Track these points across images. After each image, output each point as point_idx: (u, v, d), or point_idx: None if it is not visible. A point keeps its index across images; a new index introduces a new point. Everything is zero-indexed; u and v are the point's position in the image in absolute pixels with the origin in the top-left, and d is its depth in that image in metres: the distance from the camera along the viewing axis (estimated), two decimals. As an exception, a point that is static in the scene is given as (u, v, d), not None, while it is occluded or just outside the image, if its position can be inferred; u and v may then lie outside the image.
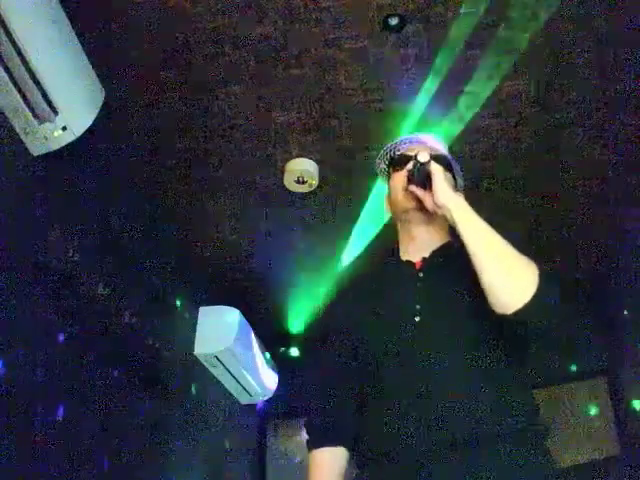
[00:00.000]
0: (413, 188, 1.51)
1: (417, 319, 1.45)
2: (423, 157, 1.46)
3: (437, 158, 1.54)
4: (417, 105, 2.82)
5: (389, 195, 1.67)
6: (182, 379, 3.58)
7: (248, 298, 4.16)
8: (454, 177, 1.64)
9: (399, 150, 1.66)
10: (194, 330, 3.83)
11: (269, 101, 2.80)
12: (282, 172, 3.17)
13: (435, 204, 1.45)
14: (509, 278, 1.32)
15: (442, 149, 1.66)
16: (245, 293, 4.16)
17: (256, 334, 4.21)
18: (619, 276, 3.95)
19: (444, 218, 1.49)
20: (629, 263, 3.79)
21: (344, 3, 2.38)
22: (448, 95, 2.77)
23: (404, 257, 1.62)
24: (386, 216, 1.72)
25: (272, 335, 4.55)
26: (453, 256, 1.52)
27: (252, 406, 4.64)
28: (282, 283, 4.15)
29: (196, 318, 3.88)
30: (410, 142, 1.68)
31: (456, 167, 1.66)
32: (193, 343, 3.78)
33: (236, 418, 4.42)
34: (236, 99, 2.78)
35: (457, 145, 2.95)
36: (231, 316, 3.89)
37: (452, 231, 1.61)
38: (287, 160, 3.13)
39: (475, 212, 1.42)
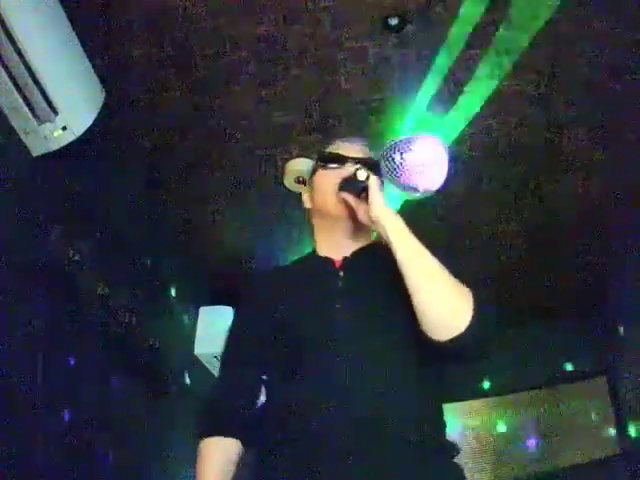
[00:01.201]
0: (346, 196, 1.45)
1: (337, 318, 1.39)
2: (361, 175, 1.40)
3: (374, 167, 1.46)
4: (417, 105, 2.82)
5: (314, 191, 1.60)
6: (182, 379, 3.58)
7: (248, 298, 4.15)
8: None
9: (328, 149, 1.60)
10: (194, 330, 3.82)
11: (269, 101, 2.80)
12: (282, 172, 3.17)
13: (369, 218, 1.39)
14: (445, 306, 1.26)
15: (373, 157, 1.58)
16: (245, 293, 4.16)
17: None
18: (619, 276, 3.95)
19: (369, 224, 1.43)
20: (629, 263, 3.79)
21: (344, 3, 2.38)
22: (448, 95, 2.77)
23: (322, 253, 1.56)
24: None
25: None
26: (375, 258, 1.47)
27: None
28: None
29: (196, 318, 3.88)
30: (344, 142, 1.62)
31: (384, 171, 1.57)
32: (193, 343, 3.78)
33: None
34: (236, 99, 2.78)
35: (457, 145, 2.95)
36: (231, 316, 3.87)
37: (372, 233, 1.57)
38: (287, 160, 3.13)
39: (410, 232, 1.35)
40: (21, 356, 2.20)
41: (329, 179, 1.53)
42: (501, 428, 4.28)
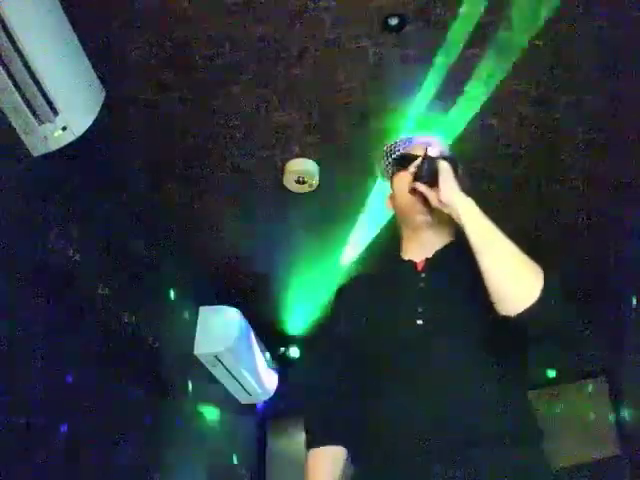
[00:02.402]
0: (419, 185, 1.48)
1: (419, 322, 1.43)
2: (433, 152, 1.44)
3: (445, 157, 1.52)
4: (417, 105, 2.82)
5: (393, 195, 1.65)
6: (182, 379, 3.58)
7: (248, 298, 4.15)
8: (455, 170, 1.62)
9: (403, 149, 1.64)
10: (194, 330, 3.82)
11: (269, 101, 2.79)
12: (282, 172, 3.17)
13: (441, 202, 1.42)
14: (514, 280, 1.30)
15: (447, 150, 1.65)
16: (245, 293, 4.16)
17: (256, 334, 4.21)
18: (619, 276, 3.95)
19: (449, 218, 1.46)
20: (629, 263, 3.79)
21: (344, 3, 2.38)
22: (448, 95, 2.77)
23: (405, 256, 1.60)
24: (388, 215, 1.70)
25: (272, 335, 4.55)
26: (456, 256, 1.50)
27: (252, 406, 4.64)
28: (282, 283, 4.14)
29: (196, 318, 3.88)
30: (415, 142, 1.65)
31: (462, 170, 1.64)
32: (193, 343, 3.78)
33: (236, 418, 4.42)
34: (236, 99, 2.78)
35: (457, 145, 2.94)
36: (231, 316, 3.89)
37: (456, 231, 1.59)
38: (287, 160, 3.13)
39: (482, 213, 1.40)
40: (21, 356, 2.20)
41: (403, 178, 1.57)
42: (501, 428, 4.27)
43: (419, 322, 1.43)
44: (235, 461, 4.31)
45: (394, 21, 2.43)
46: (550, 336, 1.35)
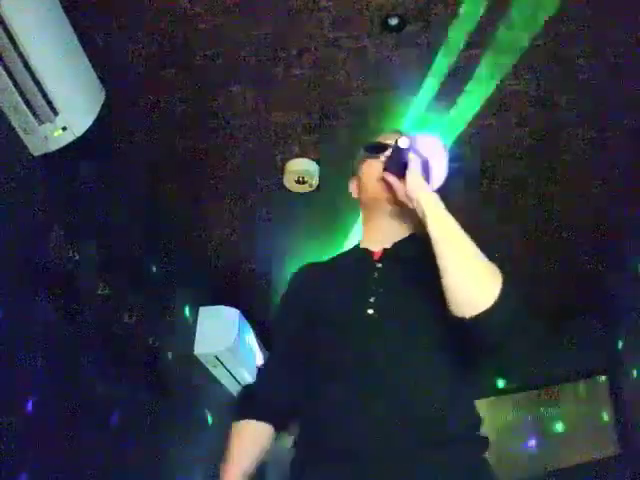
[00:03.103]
0: (387, 175, 1.45)
1: (370, 311, 1.38)
2: (403, 143, 1.40)
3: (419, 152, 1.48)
4: (417, 105, 2.82)
5: (360, 180, 1.62)
6: (182, 379, 3.58)
7: (248, 298, 4.15)
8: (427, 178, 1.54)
9: (375, 139, 1.62)
10: (194, 330, 3.83)
11: (269, 101, 2.79)
12: (282, 172, 3.17)
13: (406, 195, 1.40)
14: (472, 281, 1.26)
15: (421, 146, 1.62)
16: (245, 293, 4.16)
17: (256, 334, 4.21)
18: (619, 276, 3.95)
19: (413, 211, 1.42)
20: (629, 263, 3.79)
21: (344, 3, 2.38)
22: (448, 95, 2.77)
23: (363, 245, 1.57)
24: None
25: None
26: (414, 250, 1.46)
27: (252, 406, 4.63)
28: (282, 283, 4.13)
29: (196, 318, 3.88)
30: (390, 132, 1.64)
31: (433, 172, 1.60)
32: (193, 343, 3.78)
33: (236, 418, 4.41)
34: (236, 99, 2.78)
35: (457, 145, 2.95)
36: (231, 316, 3.89)
37: (417, 225, 1.53)
38: (287, 160, 3.13)
39: (447, 210, 1.35)
40: (21, 356, 2.20)
41: (374, 165, 1.55)
42: (501, 428, 4.28)
43: (369, 312, 1.38)
44: (235, 461, 4.30)
45: (394, 21, 2.43)
46: (500, 345, 1.30)
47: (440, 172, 1.68)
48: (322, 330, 1.43)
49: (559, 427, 4.13)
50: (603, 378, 4.20)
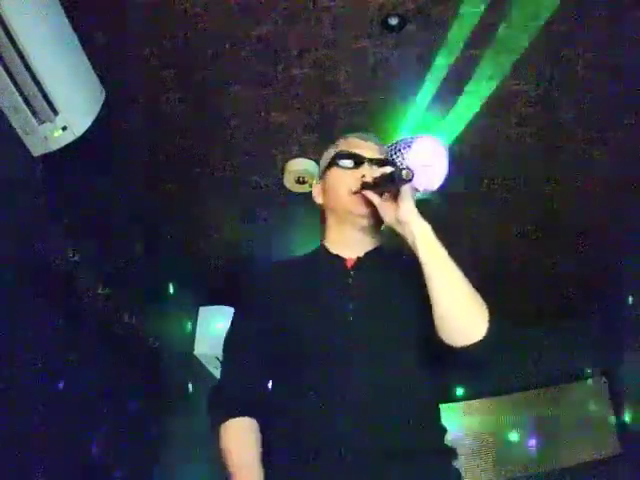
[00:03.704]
0: (369, 194, 1.44)
1: (350, 319, 1.39)
2: (407, 175, 1.36)
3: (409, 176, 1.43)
4: (417, 105, 2.82)
5: (329, 187, 1.58)
6: (182, 379, 3.58)
7: (248, 298, 4.15)
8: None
9: (346, 146, 1.59)
10: (194, 330, 3.82)
11: (269, 101, 2.79)
12: (282, 172, 3.17)
13: (397, 220, 1.39)
14: (465, 313, 1.31)
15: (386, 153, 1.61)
16: (245, 293, 4.15)
17: (256, 334, 4.20)
18: (619, 276, 3.95)
19: (381, 225, 1.45)
20: (629, 263, 3.79)
21: (344, 3, 2.38)
22: (448, 95, 2.77)
23: (334, 250, 1.55)
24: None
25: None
26: (384, 261, 1.50)
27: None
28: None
29: (196, 318, 3.88)
30: (361, 139, 1.61)
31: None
32: (193, 343, 3.78)
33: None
34: (236, 99, 2.78)
35: (457, 145, 2.95)
36: (231, 316, 3.88)
37: (381, 237, 1.58)
38: (287, 160, 3.13)
39: (436, 239, 1.37)
40: (21, 356, 2.20)
41: (344, 178, 1.53)
42: (501, 428, 4.27)
43: (350, 319, 1.39)
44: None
45: (394, 21, 2.43)
46: (484, 364, 1.35)
47: (440, 172, 1.68)
48: (295, 342, 1.41)
49: (559, 427, 4.12)
50: (603, 378, 4.20)
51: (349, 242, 1.54)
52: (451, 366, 1.42)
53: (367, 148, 1.57)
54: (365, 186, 1.46)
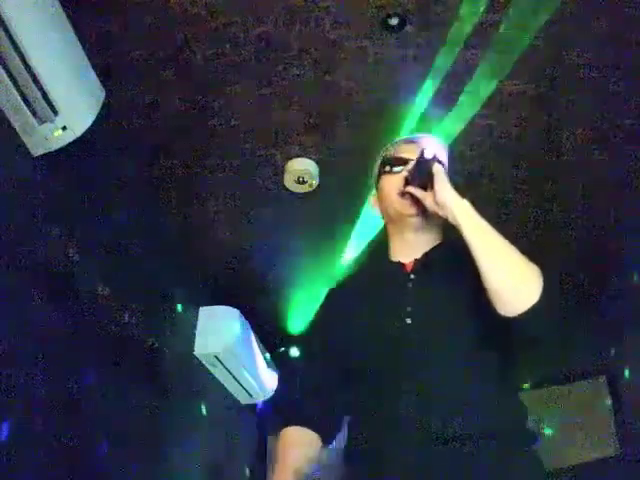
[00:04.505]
0: (412, 189, 1.47)
1: (408, 321, 1.43)
2: (428, 153, 1.42)
3: (439, 160, 1.51)
4: (417, 105, 2.81)
5: (380, 196, 1.65)
6: (182, 379, 3.58)
7: (248, 298, 4.15)
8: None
9: (391, 152, 1.64)
10: (194, 330, 3.82)
11: (269, 101, 2.79)
12: (282, 172, 3.17)
13: (437, 204, 1.42)
14: (515, 281, 1.31)
15: (441, 151, 1.64)
16: (245, 293, 4.16)
17: (256, 334, 4.21)
18: (619, 276, 3.95)
19: (437, 220, 1.48)
20: (629, 263, 3.79)
21: (344, 3, 2.38)
22: (448, 95, 2.76)
23: (394, 258, 1.60)
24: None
25: (272, 335, 4.55)
26: (445, 257, 1.51)
27: (252, 406, 4.64)
28: (282, 283, 4.14)
29: (196, 318, 3.87)
30: (405, 143, 1.66)
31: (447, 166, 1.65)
32: (193, 343, 3.78)
33: (236, 418, 4.41)
34: (236, 99, 2.78)
35: (457, 145, 2.94)
36: (231, 316, 3.88)
37: (444, 233, 1.60)
38: (287, 160, 3.13)
39: (477, 213, 1.40)
40: (21, 356, 2.20)
41: (393, 181, 1.57)
42: (501, 428, 4.27)
43: (408, 321, 1.43)
44: (235, 461, 4.31)
45: (394, 21, 2.43)
46: (549, 336, 1.35)
47: None
48: (362, 345, 1.46)
49: (559, 427, 4.12)
50: (603, 378, 4.20)
51: (407, 246, 1.58)
52: (515, 342, 1.39)
53: (412, 150, 1.58)
54: (407, 183, 1.49)
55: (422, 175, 1.45)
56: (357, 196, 3.36)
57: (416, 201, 1.49)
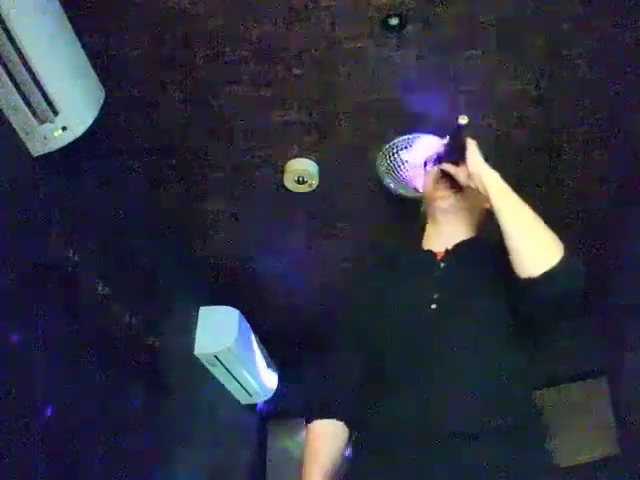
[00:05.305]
0: (445, 166, 1.52)
1: (433, 306, 1.44)
2: (463, 119, 1.47)
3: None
4: (417, 105, 2.81)
5: (423, 192, 1.72)
6: (182, 379, 3.58)
7: (248, 298, 4.15)
8: None
9: (409, 148, 1.73)
10: (194, 330, 3.82)
11: (269, 101, 2.79)
12: (282, 172, 3.17)
13: (469, 172, 1.46)
14: (537, 243, 1.36)
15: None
16: (245, 293, 4.16)
17: (256, 334, 4.21)
18: (619, 276, 3.95)
19: (472, 211, 1.52)
20: (629, 263, 3.78)
21: (344, 3, 2.38)
22: (448, 95, 2.76)
23: (426, 246, 1.63)
24: (387, 215, 1.76)
25: (272, 335, 4.55)
26: (476, 251, 1.53)
27: (252, 406, 4.64)
28: (282, 283, 4.14)
29: (196, 318, 3.88)
30: (423, 141, 1.72)
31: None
32: (193, 343, 3.78)
33: (236, 418, 4.42)
34: (236, 99, 2.78)
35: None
36: (231, 316, 3.88)
37: (478, 227, 1.64)
38: (287, 160, 3.13)
39: (507, 185, 1.47)
40: (21, 356, 2.20)
41: (428, 177, 1.66)
42: (501, 428, 4.27)
43: (433, 307, 1.44)
44: (235, 461, 4.31)
45: (394, 21, 2.43)
46: (568, 301, 1.39)
47: None
48: (386, 328, 1.48)
49: (559, 427, 4.12)
50: (603, 378, 4.20)
51: (440, 234, 1.61)
52: (536, 311, 1.40)
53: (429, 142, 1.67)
54: (439, 160, 1.56)
55: (455, 147, 1.50)
56: (357, 196, 3.36)
57: (451, 184, 1.54)
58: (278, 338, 4.68)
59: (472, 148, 1.48)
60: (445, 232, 1.60)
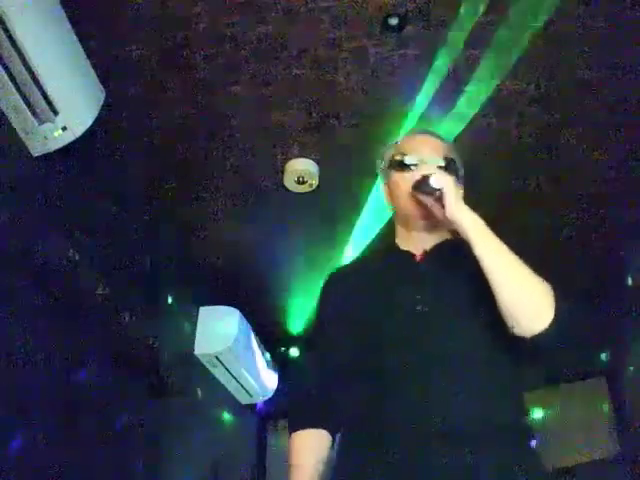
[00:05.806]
0: (421, 197, 1.45)
1: (418, 308, 1.42)
2: (437, 184, 1.39)
3: (448, 164, 1.51)
4: (417, 105, 2.82)
5: (390, 191, 1.62)
6: (182, 379, 3.58)
7: (248, 298, 4.15)
8: (458, 176, 1.60)
9: (404, 147, 1.61)
10: (194, 330, 3.82)
11: (269, 101, 2.79)
12: (282, 172, 3.17)
13: (445, 218, 1.41)
14: (529, 302, 1.30)
15: (448, 150, 1.62)
16: (245, 293, 4.16)
17: (256, 334, 4.21)
18: (619, 276, 3.95)
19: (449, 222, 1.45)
20: (629, 263, 3.79)
21: (344, 3, 2.38)
22: (448, 95, 2.77)
23: (402, 247, 1.59)
24: (387, 215, 1.69)
25: (272, 335, 4.55)
26: (454, 251, 1.50)
27: (252, 406, 4.64)
28: (282, 283, 4.14)
29: (196, 318, 3.88)
30: (419, 137, 1.64)
31: (459, 162, 1.65)
32: (193, 343, 3.78)
33: (236, 418, 4.41)
34: (236, 99, 2.78)
35: (457, 145, 2.94)
36: (231, 316, 3.88)
37: (452, 230, 1.60)
38: (287, 160, 3.13)
39: (489, 229, 1.38)
40: (21, 356, 2.20)
41: (403, 182, 1.54)
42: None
43: (418, 308, 1.42)
44: (235, 461, 4.31)
45: (394, 21, 2.43)
46: (559, 349, 1.35)
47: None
48: (371, 331, 1.45)
49: (559, 427, 4.12)
50: (603, 378, 4.20)
51: (415, 240, 1.57)
52: (522, 353, 1.39)
53: (427, 146, 1.57)
54: (415, 188, 1.47)
55: (430, 189, 1.41)
56: (357, 196, 3.36)
57: (427, 212, 1.47)
58: (278, 338, 4.69)
59: (449, 194, 1.39)
60: (421, 238, 1.56)
